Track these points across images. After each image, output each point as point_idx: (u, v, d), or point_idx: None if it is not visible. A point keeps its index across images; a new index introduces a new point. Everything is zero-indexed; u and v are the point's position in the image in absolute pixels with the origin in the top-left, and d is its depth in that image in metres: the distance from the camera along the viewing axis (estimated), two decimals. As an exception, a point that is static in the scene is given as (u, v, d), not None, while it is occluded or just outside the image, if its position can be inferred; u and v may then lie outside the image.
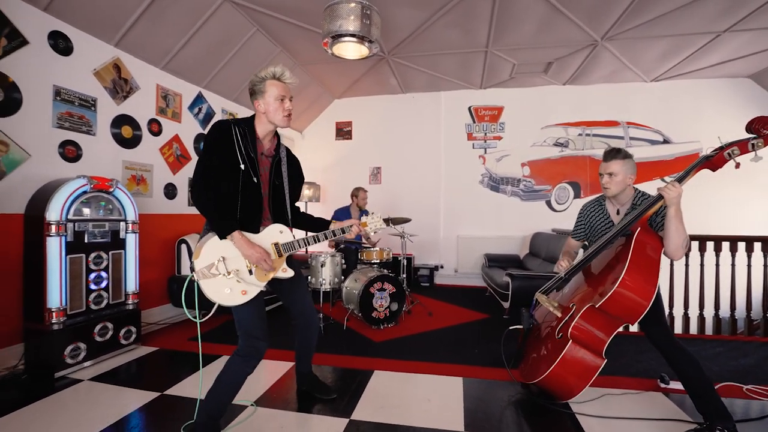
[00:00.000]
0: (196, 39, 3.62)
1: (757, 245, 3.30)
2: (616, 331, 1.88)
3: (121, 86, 3.31)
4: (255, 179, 1.73)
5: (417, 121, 6.12)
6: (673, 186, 1.70)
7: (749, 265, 3.32)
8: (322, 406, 2.09)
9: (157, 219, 3.68)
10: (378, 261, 3.87)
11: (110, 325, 2.73)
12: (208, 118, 4.38)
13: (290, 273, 1.83)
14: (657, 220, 1.90)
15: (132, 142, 3.45)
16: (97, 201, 2.74)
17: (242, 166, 1.69)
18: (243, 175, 1.69)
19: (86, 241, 2.65)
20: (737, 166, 1.73)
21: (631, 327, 3.35)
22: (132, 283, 2.94)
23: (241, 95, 4.78)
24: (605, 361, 1.83)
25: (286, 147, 1.96)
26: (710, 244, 3.40)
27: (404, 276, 4.09)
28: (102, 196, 2.76)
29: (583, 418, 1.96)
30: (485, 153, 5.94)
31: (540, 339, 2.19)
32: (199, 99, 4.24)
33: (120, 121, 3.32)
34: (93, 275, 2.69)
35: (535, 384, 2.03)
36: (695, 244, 3.42)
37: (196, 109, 4.22)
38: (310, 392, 2.19)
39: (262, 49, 4.25)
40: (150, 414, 2.03)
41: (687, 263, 3.40)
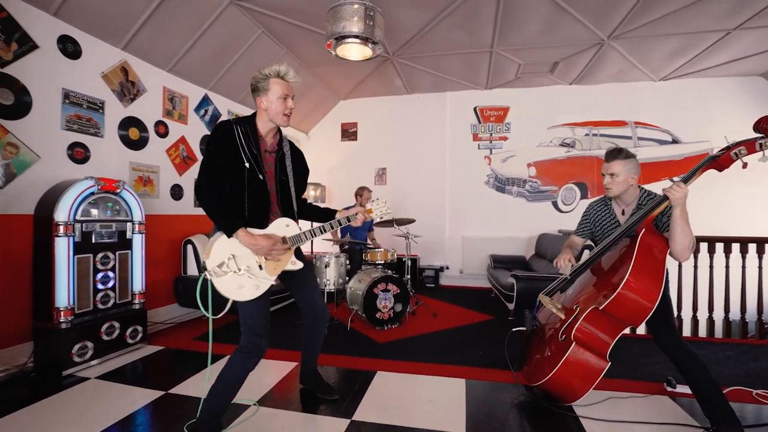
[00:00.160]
0: (202, 42, 3.66)
1: (769, 246, 3.24)
2: (620, 333, 1.86)
3: (128, 89, 3.36)
4: (260, 176, 1.74)
5: (422, 122, 6.12)
6: (679, 186, 1.68)
7: (760, 267, 3.26)
8: (324, 406, 2.09)
9: (164, 220, 3.72)
10: (382, 262, 3.88)
11: (117, 325, 2.77)
12: (214, 120, 4.42)
13: (299, 265, 1.85)
14: (663, 221, 1.87)
15: (139, 144, 3.49)
16: (104, 202, 2.78)
17: (247, 165, 1.70)
18: (248, 174, 1.71)
19: (94, 242, 2.69)
20: (744, 166, 1.71)
21: (638, 329, 3.33)
22: (138, 283, 2.97)
23: (246, 97, 4.81)
24: (609, 364, 1.81)
25: (290, 141, 1.96)
26: (720, 246, 3.35)
27: (408, 277, 4.09)
28: (109, 197, 2.80)
29: (587, 421, 1.94)
30: (491, 153, 5.91)
31: (543, 341, 2.17)
32: (205, 101, 4.29)
33: (127, 123, 3.37)
34: (100, 275, 2.73)
35: (539, 386, 2.01)
36: (704, 246, 3.36)
37: (202, 111, 4.26)
38: (313, 391, 2.20)
39: (267, 51, 4.28)
40: (154, 412, 2.05)
41: (696, 265, 3.35)
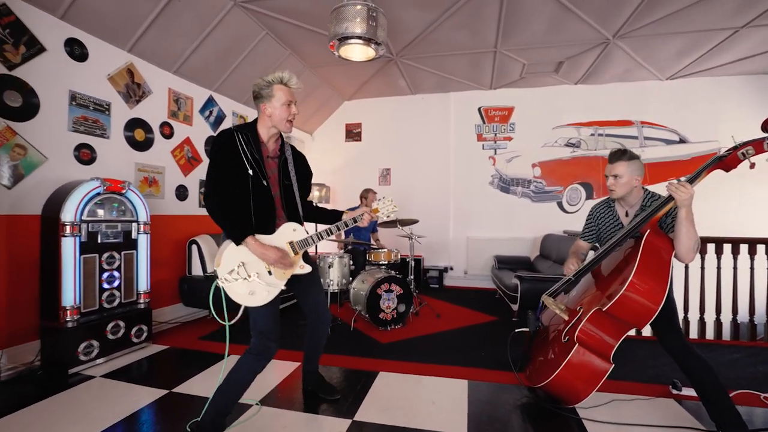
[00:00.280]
0: (206, 44, 3.69)
1: (778, 248, 3.18)
2: (624, 335, 1.84)
3: (134, 90, 3.40)
4: (264, 182, 1.76)
5: (426, 122, 6.10)
6: (684, 187, 1.66)
7: (769, 269, 3.21)
8: (325, 406, 2.10)
9: (169, 220, 3.76)
10: (386, 262, 3.87)
11: (122, 324, 2.80)
12: (218, 121, 4.45)
13: (308, 269, 1.86)
14: (667, 222, 1.85)
15: (144, 145, 3.53)
16: (110, 202, 2.81)
17: (250, 172, 1.72)
18: (252, 180, 1.73)
19: (99, 242, 2.72)
20: (752, 166, 1.69)
21: (644, 331, 3.29)
22: (143, 283, 3.00)
23: (251, 98, 4.81)
24: (613, 366, 1.79)
25: (291, 145, 1.98)
26: (728, 247, 3.30)
27: (412, 277, 4.08)
28: (115, 197, 2.83)
29: (591, 423, 1.92)
30: (495, 154, 5.88)
31: (547, 342, 2.16)
32: (209, 102, 4.32)
33: (133, 124, 3.40)
34: (106, 275, 2.76)
35: (541, 388, 1.99)
36: (712, 247, 3.32)
37: (207, 112, 4.29)
38: (315, 392, 2.20)
39: (271, 52, 4.30)
40: (158, 411, 2.07)
41: (703, 266, 3.31)
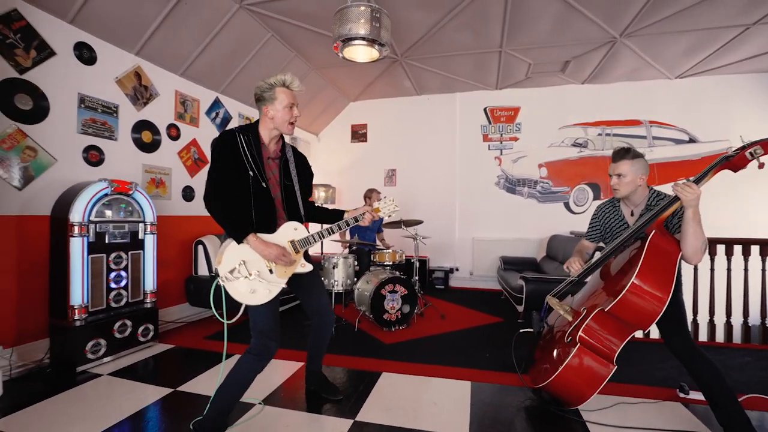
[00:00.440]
0: (212, 46, 3.73)
1: (789, 249, 3.12)
2: (628, 337, 1.81)
3: (141, 93, 3.45)
4: (264, 184, 1.78)
5: (432, 123, 6.10)
6: (690, 187, 1.63)
7: (781, 270, 3.14)
8: (328, 406, 2.10)
9: (175, 221, 3.80)
10: (390, 263, 3.87)
11: (129, 323, 2.83)
12: (225, 123, 4.49)
13: (309, 267, 1.87)
14: (673, 222, 1.82)
15: (152, 147, 3.58)
16: (117, 203, 2.86)
17: (251, 173, 1.74)
18: (253, 181, 1.75)
19: (107, 242, 2.77)
20: (761, 166, 1.66)
21: (652, 333, 3.24)
22: (150, 283, 3.04)
23: (257, 100, 4.87)
24: (615, 368, 1.77)
25: (292, 146, 2.00)
26: (738, 248, 3.23)
27: (416, 278, 4.07)
28: (122, 198, 2.87)
29: (595, 426, 1.90)
30: (501, 154, 5.85)
31: (550, 343, 2.14)
32: (216, 104, 4.36)
33: (140, 126, 3.45)
34: (113, 274, 2.80)
35: (544, 389, 1.98)
36: (722, 248, 3.26)
37: (214, 114, 4.34)
38: (318, 392, 2.21)
39: (276, 54, 4.33)
40: (163, 409, 2.09)
41: (712, 267, 3.25)
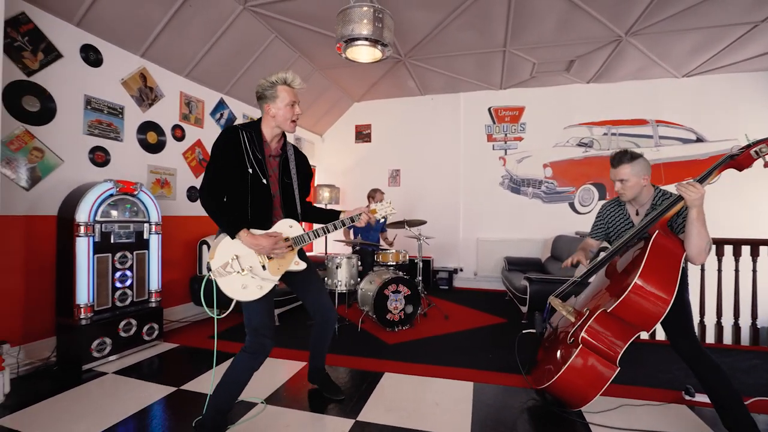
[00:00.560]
0: (217, 47, 3.76)
1: (800, 250, 3.07)
2: (632, 338, 1.79)
3: (146, 94, 3.48)
4: (264, 181, 1.79)
5: (436, 123, 6.08)
6: (694, 187, 1.61)
7: (790, 271, 3.09)
8: (330, 406, 2.11)
9: (180, 221, 3.83)
10: (394, 263, 3.87)
11: (134, 322, 2.86)
12: (229, 123, 4.52)
13: (303, 265, 1.87)
14: (678, 222, 1.81)
15: (157, 148, 3.61)
16: (123, 203, 2.89)
17: (250, 170, 1.74)
18: (252, 178, 1.75)
19: (112, 242, 2.79)
20: (766, 165, 1.64)
21: (658, 335, 3.20)
22: (155, 282, 3.07)
23: (261, 100, 4.89)
24: (618, 369, 1.75)
25: (293, 145, 2.01)
26: (746, 249, 3.18)
27: (420, 278, 4.06)
28: (127, 198, 2.90)
29: (598, 428, 1.88)
30: (505, 154, 5.82)
31: (553, 344, 2.13)
32: (220, 105, 4.39)
33: (145, 127, 3.49)
34: (118, 274, 2.83)
35: (546, 390, 1.96)
36: (729, 249, 3.21)
37: (218, 115, 4.37)
38: (320, 390, 2.22)
39: (281, 55, 4.35)
40: (167, 407, 2.11)
41: (720, 268, 3.20)
